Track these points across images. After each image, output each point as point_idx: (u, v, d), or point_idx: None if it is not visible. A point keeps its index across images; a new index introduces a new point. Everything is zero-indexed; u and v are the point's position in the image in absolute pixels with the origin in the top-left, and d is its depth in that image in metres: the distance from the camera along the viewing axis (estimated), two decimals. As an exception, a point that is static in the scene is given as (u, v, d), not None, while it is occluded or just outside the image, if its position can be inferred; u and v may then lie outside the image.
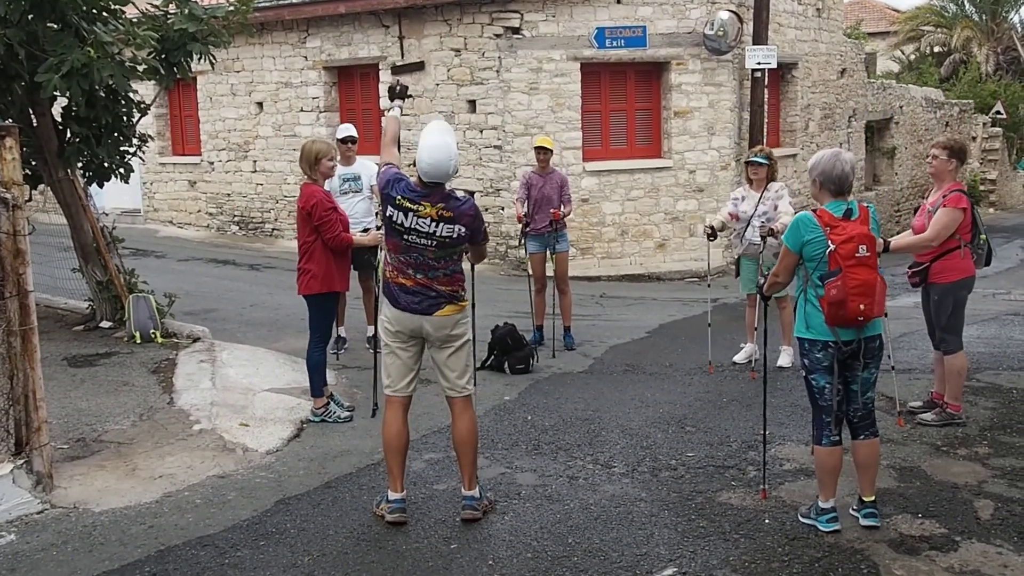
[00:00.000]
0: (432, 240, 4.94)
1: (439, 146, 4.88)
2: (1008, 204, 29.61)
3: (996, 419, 6.78)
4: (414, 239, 4.95)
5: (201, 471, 5.87)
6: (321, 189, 6.75)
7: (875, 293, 4.72)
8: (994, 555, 4.65)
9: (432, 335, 5.09)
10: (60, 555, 4.76)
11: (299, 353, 8.53)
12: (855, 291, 4.65)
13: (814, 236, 4.77)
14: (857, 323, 4.74)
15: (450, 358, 5.14)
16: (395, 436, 5.17)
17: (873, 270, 4.74)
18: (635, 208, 15.19)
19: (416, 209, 4.91)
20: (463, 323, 5.16)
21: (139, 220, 19.60)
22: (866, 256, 4.71)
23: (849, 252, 4.68)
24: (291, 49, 16.81)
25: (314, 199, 6.61)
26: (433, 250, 4.97)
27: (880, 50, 34.15)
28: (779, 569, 4.54)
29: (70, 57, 7.18)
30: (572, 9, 14.53)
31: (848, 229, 4.72)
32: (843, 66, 19.61)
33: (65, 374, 7.61)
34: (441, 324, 5.06)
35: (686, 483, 5.67)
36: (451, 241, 4.97)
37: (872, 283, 4.71)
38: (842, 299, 4.66)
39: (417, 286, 5.01)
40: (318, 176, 6.76)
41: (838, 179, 4.85)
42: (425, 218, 4.91)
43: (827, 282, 4.70)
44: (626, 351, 9.32)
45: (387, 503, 5.15)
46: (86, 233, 8.89)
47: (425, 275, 5.00)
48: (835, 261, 4.69)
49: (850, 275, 4.66)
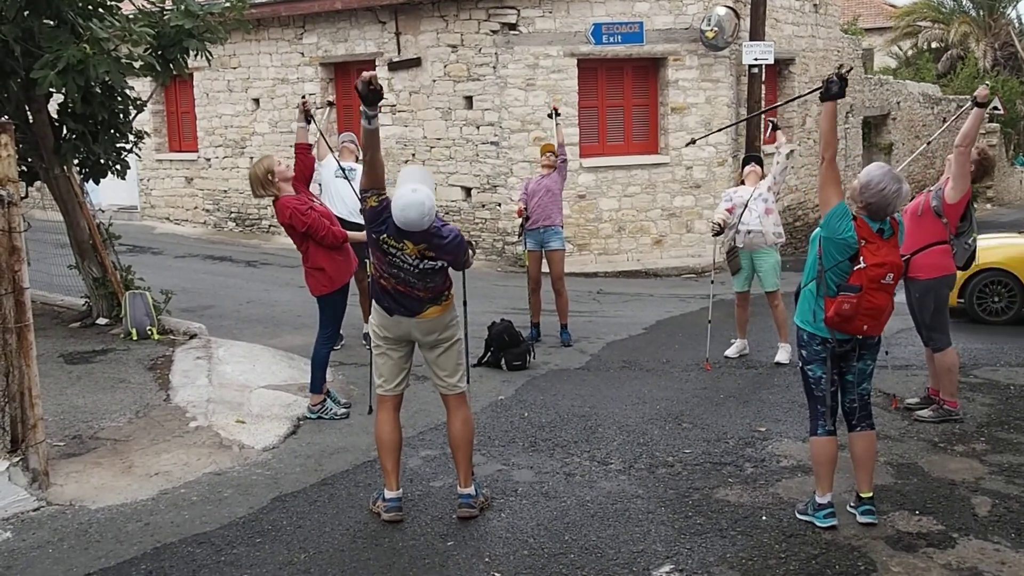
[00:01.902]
0: (415, 269, 4.93)
1: (412, 204, 4.70)
2: (1005, 200, 29.62)
3: (993, 415, 6.78)
4: (399, 262, 4.92)
5: (197, 468, 5.86)
6: (291, 198, 6.63)
7: (882, 316, 4.77)
8: (991, 552, 4.64)
9: (421, 339, 5.11)
10: (56, 553, 4.75)
11: (296, 349, 8.54)
12: (866, 312, 4.69)
13: (845, 237, 4.69)
14: (855, 336, 4.80)
15: (440, 357, 5.16)
16: (388, 435, 5.17)
17: (890, 296, 4.77)
18: (632, 204, 15.19)
19: (400, 247, 4.89)
20: (452, 325, 5.16)
21: (136, 217, 19.58)
22: (889, 284, 4.73)
23: (876, 276, 4.66)
24: (287, 45, 16.78)
25: (287, 210, 6.54)
26: (416, 275, 4.95)
27: (877, 46, 34.16)
28: (776, 566, 4.54)
29: (66, 53, 7.15)
30: (569, 5, 14.52)
31: (883, 252, 4.70)
32: (840, 62, 19.57)
33: (61, 371, 7.59)
34: (428, 328, 5.06)
35: (683, 480, 5.67)
36: (433, 271, 4.96)
37: (883, 308, 4.74)
38: (851, 316, 4.68)
39: (398, 291, 5.00)
40: (280, 188, 6.65)
41: (882, 212, 4.76)
42: (409, 254, 4.89)
43: (843, 294, 4.69)
44: (623, 347, 9.31)
45: (383, 501, 5.15)
46: (82, 230, 8.87)
47: (407, 286, 4.98)
48: (860, 278, 4.66)
49: (868, 297, 4.66)
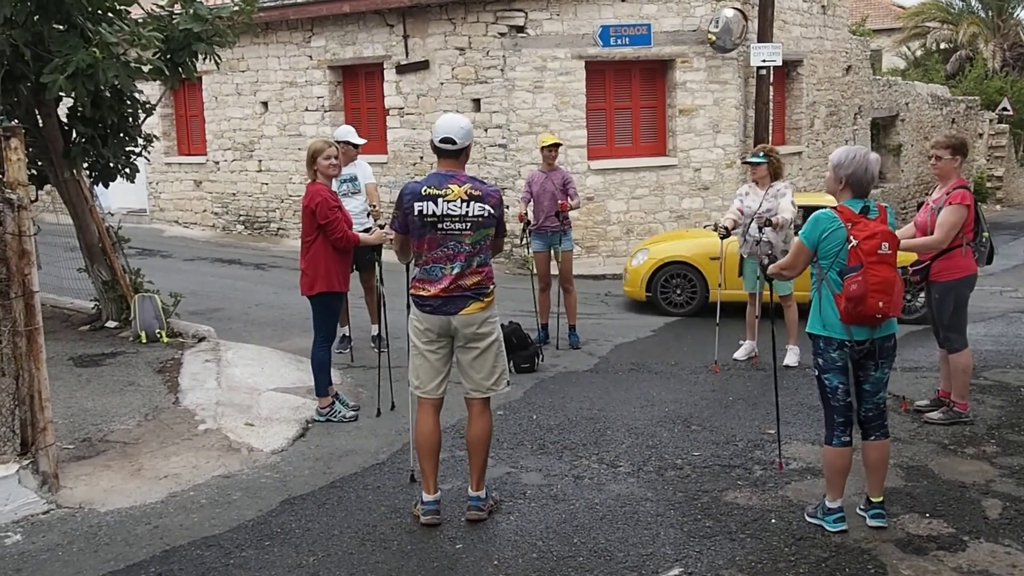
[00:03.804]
0: (466, 222, 4.94)
1: (451, 116, 5.10)
2: (1015, 201, 29.51)
3: (1004, 417, 6.75)
4: (448, 225, 4.93)
5: (206, 471, 5.86)
6: (326, 188, 6.74)
7: (894, 291, 4.67)
8: (1003, 555, 4.62)
9: (460, 331, 5.05)
10: (65, 555, 4.76)
11: (304, 352, 8.52)
12: (875, 288, 4.60)
13: (833, 230, 4.72)
14: (875, 320, 4.69)
15: (476, 360, 5.10)
16: (427, 438, 5.13)
17: (893, 268, 4.69)
18: (640, 206, 15.18)
19: (444, 193, 4.92)
20: (491, 321, 5.11)
21: (145, 220, 19.64)
22: (888, 254, 4.66)
23: (872, 248, 4.62)
24: (296, 48, 16.82)
25: (319, 198, 6.60)
26: (469, 233, 4.95)
27: (885, 46, 34.07)
28: (785, 569, 4.53)
29: (75, 58, 7.18)
30: (576, 7, 14.52)
31: (871, 226, 4.68)
32: (848, 63, 19.56)
33: (71, 374, 7.61)
34: (468, 321, 5.02)
35: (692, 482, 5.66)
36: (484, 220, 4.97)
37: (892, 281, 4.66)
38: (862, 295, 4.60)
39: (442, 294, 4.98)
40: (318, 175, 6.76)
41: (867, 182, 4.82)
42: (455, 200, 4.91)
43: (847, 277, 4.64)
44: (631, 350, 9.31)
45: (422, 504, 5.14)
46: (92, 233, 8.89)
47: (461, 268, 4.97)
48: (856, 257, 4.63)
49: (871, 271, 4.61)
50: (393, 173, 15.54)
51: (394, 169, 15.59)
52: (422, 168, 15.03)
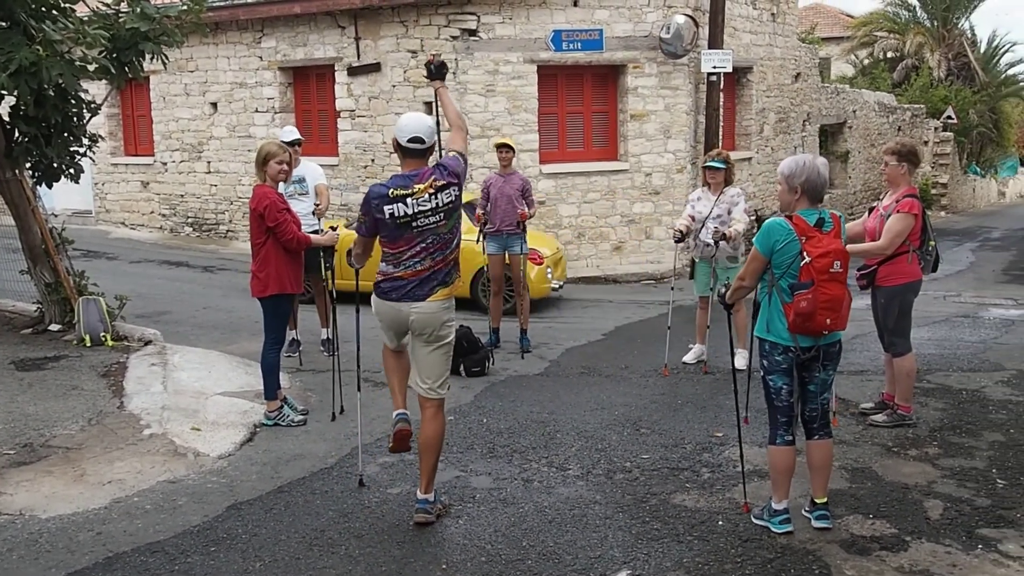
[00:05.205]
0: (439, 213, 4.98)
1: (415, 115, 5.17)
2: (959, 208, 30.14)
3: (946, 420, 6.87)
4: (423, 221, 4.96)
5: (151, 476, 5.78)
6: (273, 191, 6.68)
7: (842, 308, 4.76)
8: (943, 554, 4.71)
9: (417, 328, 5.06)
10: (5, 563, 4.66)
11: (253, 356, 8.44)
12: (825, 306, 4.68)
13: (787, 242, 4.77)
14: (821, 335, 4.79)
15: (431, 355, 5.12)
16: (393, 358, 5.34)
17: (843, 285, 4.77)
18: (591, 211, 15.25)
19: (411, 192, 4.93)
20: (448, 325, 5.14)
21: (91, 221, 19.33)
22: (839, 272, 4.74)
23: (824, 267, 4.69)
24: (246, 49, 16.65)
25: (266, 200, 6.55)
26: (444, 222, 5.01)
27: (834, 55, 34.60)
28: (732, 571, 4.57)
29: (18, 55, 7.06)
30: (529, 11, 14.56)
31: (824, 242, 4.73)
32: (797, 70, 19.83)
33: (12, 378, 7.47)
34: (430, 319, 5.03)
35: (640, 485, 5.68)
36: (454, 205, 5.03)
37: (841, 298, 4.74)
38: (811, 312, 4.68)
39: (415, 276, 5.01)
40: (267, 178, 6.70)
41: (820, 186, 4.88)
42: (422, 195, 4.93)
43: (798, 294, 4.71)
44: (582, 353, 9.33)
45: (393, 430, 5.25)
46: (34, 234, 8.74)
47: (442, 254, 5.03)
48: (808, 274, 4.69)
49: (822, 290, 4.67)
50: (344, 176, 15.44)
51: (345, 172, 15.50)
52: (373, 171, 14.95)
